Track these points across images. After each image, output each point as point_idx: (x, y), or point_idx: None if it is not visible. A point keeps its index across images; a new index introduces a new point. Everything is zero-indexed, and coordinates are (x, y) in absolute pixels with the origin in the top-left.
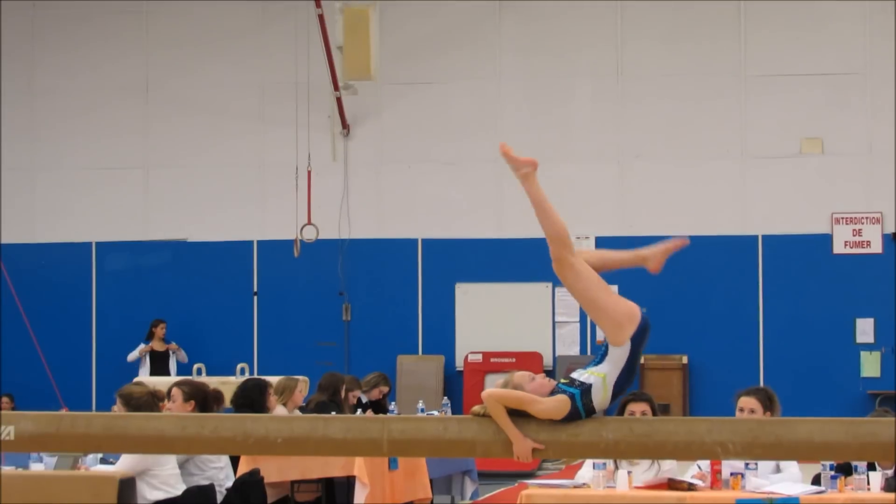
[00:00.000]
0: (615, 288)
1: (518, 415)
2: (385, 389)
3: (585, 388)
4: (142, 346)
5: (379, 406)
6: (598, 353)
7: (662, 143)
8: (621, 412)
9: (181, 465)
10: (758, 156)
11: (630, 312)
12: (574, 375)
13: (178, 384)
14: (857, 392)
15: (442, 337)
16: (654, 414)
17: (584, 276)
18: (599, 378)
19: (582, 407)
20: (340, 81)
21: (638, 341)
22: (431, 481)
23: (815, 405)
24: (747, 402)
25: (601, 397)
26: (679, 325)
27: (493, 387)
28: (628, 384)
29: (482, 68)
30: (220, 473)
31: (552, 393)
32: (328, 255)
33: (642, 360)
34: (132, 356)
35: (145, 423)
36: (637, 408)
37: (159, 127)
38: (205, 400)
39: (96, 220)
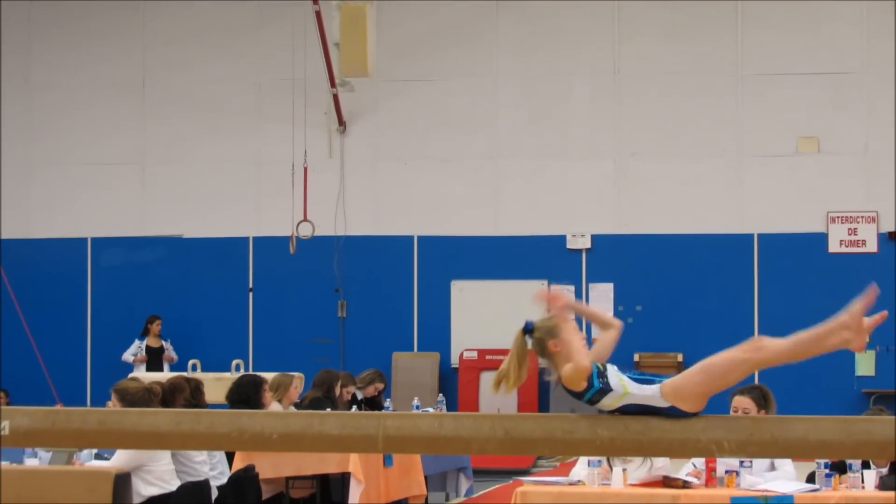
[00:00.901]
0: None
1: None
2: (380, 386)
3: (604, 389)
4: (136, 345)
5: (374, 403)
6: (644, 377)
7: (659, 141)
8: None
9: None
10: (754, 154)
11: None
12: (609, 369)
13: (155, 383)
14: (851, 391)
15: (437, 334)
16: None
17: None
18: (622, 391)
19: (588, 399)
20: (337, 78)
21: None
22: (426, 478)
23: (810, 404)
24: (741, 401)
25: (607, 403)
26: (674, 324)
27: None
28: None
29: (479, 66)
30: (203, 467)
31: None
32: (324, 252)
33: (637, 358)
34: (126, 358)
35: (140, 419)
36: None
37: (156, 123)
38: (165, 400)
39: (92, 215)
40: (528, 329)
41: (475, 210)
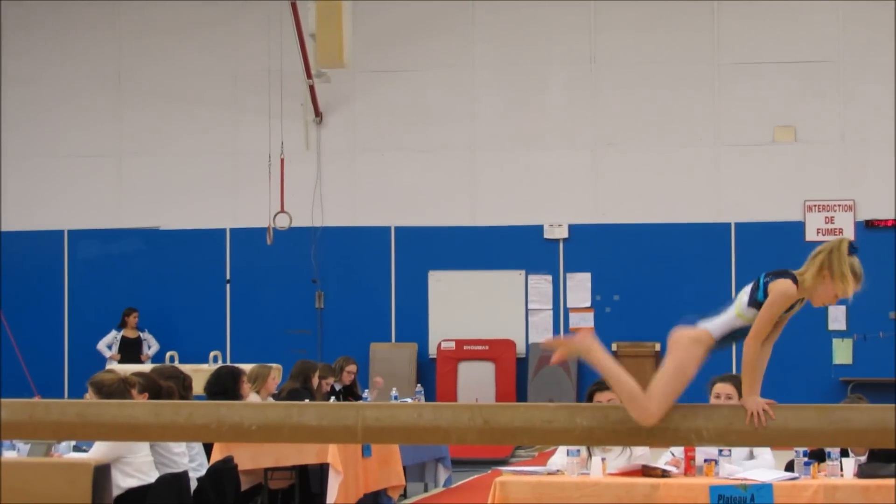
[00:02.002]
0: (586, 298)
1: None
2: (352, 368)
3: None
4: (113, 335)
5: (351, 391)
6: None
7: (635, 131)
8: (589, 401)
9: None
10: (731, 144)
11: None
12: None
13: (135, 374)
14: (829, 379)
15: (415, 325)
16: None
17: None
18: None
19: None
20: (313, 69)
21: None
22: (405, 468)
23: (788, 393)
24: (723, 387)
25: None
26: (652, 313)
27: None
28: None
29: (455, 56)
30: (182, 459)
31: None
32: (301, 243)
33: (615, 348)
34: (101, 348)
35: (119, 411)
36: (603, 397)
37: (132, 115)
38: (157, 394)
39: (69, 208)
40: (853, 249)
41: (452, 201)
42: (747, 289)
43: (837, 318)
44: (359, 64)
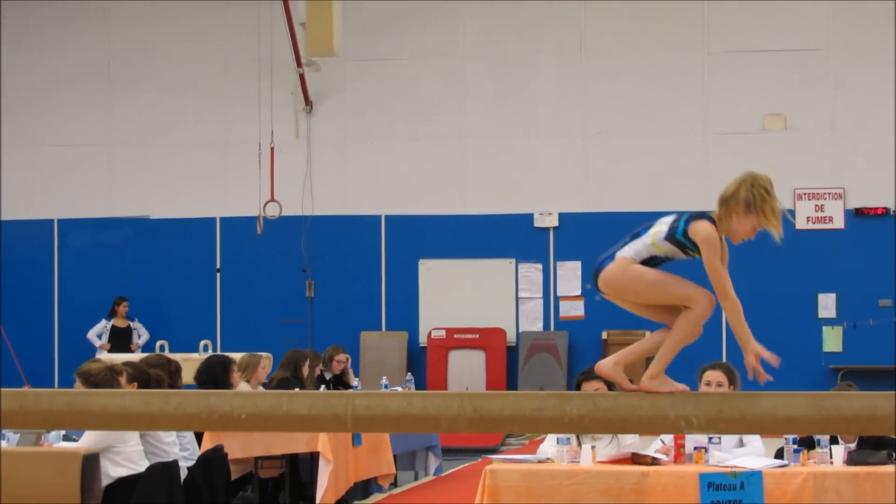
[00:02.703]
0: (576, 286)
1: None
2: (343, 357)
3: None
4: (103, 324)
5: (342, 380)
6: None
7: (626, 119)
8: (577, 390)
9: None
10: (721, 132)
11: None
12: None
13: (125, 364)
14: (819, 367)
15: (405, 313)
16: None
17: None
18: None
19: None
20: (303, 58)
21: None
22: (395, 457)
23: (778, 380)
24: (714, 375)
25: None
26: None
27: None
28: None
29: (446, 45)
30: (172, 448)
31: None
32: (291, 232)
33: (605, 336)
34: (91, 337)
35: (108, 400)
36: (591, 386)
37: (122, 104)
38: (147, 383)
39: (59, 197)
40: (762, 182)
41: (442, 189)
42: (667, 220)
43: (827, 305)
44: (349, 53)
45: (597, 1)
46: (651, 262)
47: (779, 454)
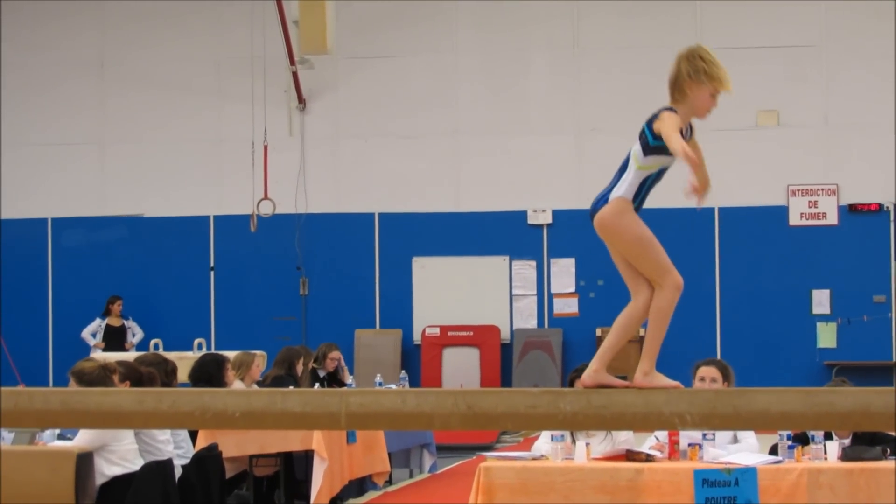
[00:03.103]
0: (570, 283)
1: None
2: (335, 354)
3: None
4: (97, 323)
5: (336, 378)
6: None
7: (619, 115)
8: (570, 387)
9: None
10: (714, 128)
11: None
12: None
13: (118, 363)
14: (813, 363)
15: (399, 311)
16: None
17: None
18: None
19: (655, 145)
20: (297, 56)
21: None
22: (390, 455)
23: (772, 376)
24: (708, 371)
25: (651, 162)
26: None
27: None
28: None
29: (439, 42)
30: (167, 447)
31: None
32: (285, 230)
33: (599, 333)
34: (85, 336)
35: (103, 399)
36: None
37: (115, 103)
38: (139, 381)
39: (52, 195)
40: (696, 52)
41: (436, 187)
42: (636, 143)
43: (822, 301)
44: (342, 50)
45: None
46: (643, 187)
47: (773, 450)
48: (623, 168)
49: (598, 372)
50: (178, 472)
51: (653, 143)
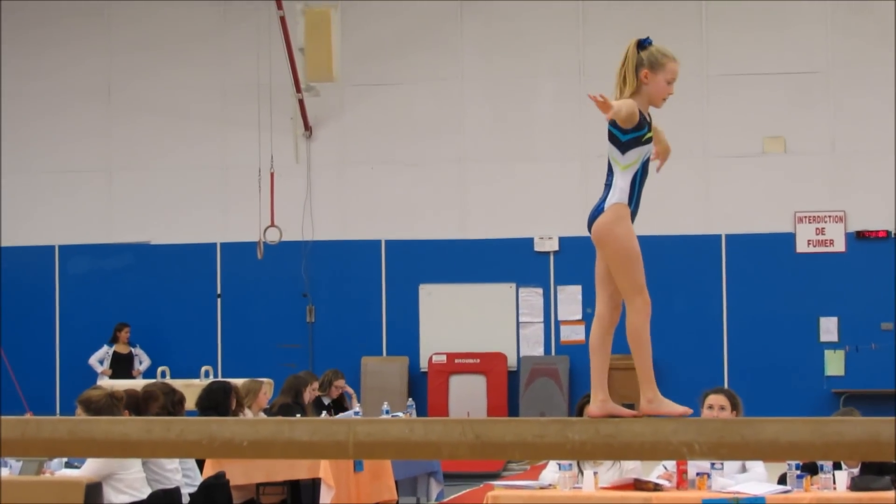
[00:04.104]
0: (577, 311)
1: None
2: (341, 382)
3: (642, 141)
4: (104, 350)
5: (340, 404)
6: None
7: None
8: (579, 414)
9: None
10: (720, 155)
11: None
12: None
13: (126, 391)
14: (821, 391)
15: (406, 338)
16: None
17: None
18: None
19: (628, 139)
20: (302, 83)
21: None
22: (397, 483)
23: (780, 404)
24: (717, 399)
25: (629, 159)
26: None
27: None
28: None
29: (444, 69)
30: (175, 475)
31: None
32: (291, 257)
33: None
34: (93, 363)
35: (110, 427)
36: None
37: (122, 130)
38: (136, 407)
39: (59, 223)
40: (646, 43)
41: (442, 213)
42: (609, 147)
43: (829, 329)
44: (348, 77)
45: (595, 24)
46: (635, 186)
47: (782, 480)
48: (609, 175)
49: (606, 402)
50: (185, 501)
51: (625, 139)
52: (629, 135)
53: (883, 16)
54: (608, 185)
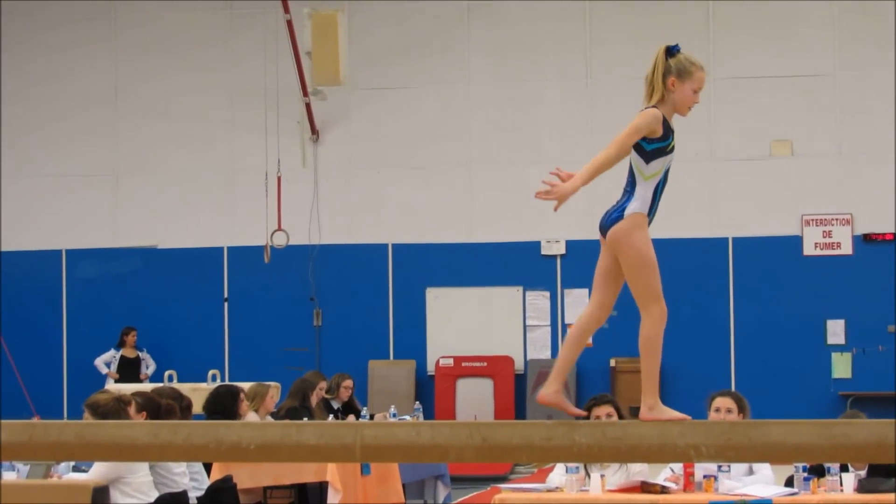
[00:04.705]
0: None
1: None
2: (349, 383)
3: (665, 152)
4: (111, 353)
5: (350, 407)
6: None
7: None
8: (587, 416)
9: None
10: (727, 158)
11: None
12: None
13: (134, 394)
14: (828, 393)
15: (413, 341)
16: (620, 416)
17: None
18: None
19: (651, 149)
20: (309, 87)
21: None
22: (404, 486)
23: (787, 407)
24: (724, 402)
25: (652, 170)
26: None
27: None
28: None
29: (451, 73)
30: (182, 479)
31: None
32: (298, 261)
33: (613, 363)
34: (98, 364)
35: (117, 431)
36: (602, 411)
37: (129, 134)
38: (157, 413)
39: (66, 227)
40: (675, 50)
41: (449, 217)
42: (632, 154)
43: (836, 332)
44: (355, 81)
45: (602, 28)
46: (656, 196)
47: (789, 482)
48: (631, 181)
49: (559, 393)
50: None
51: (649, 148)
52: (654, 144)
53: (889, 19)
54: (628, 192)
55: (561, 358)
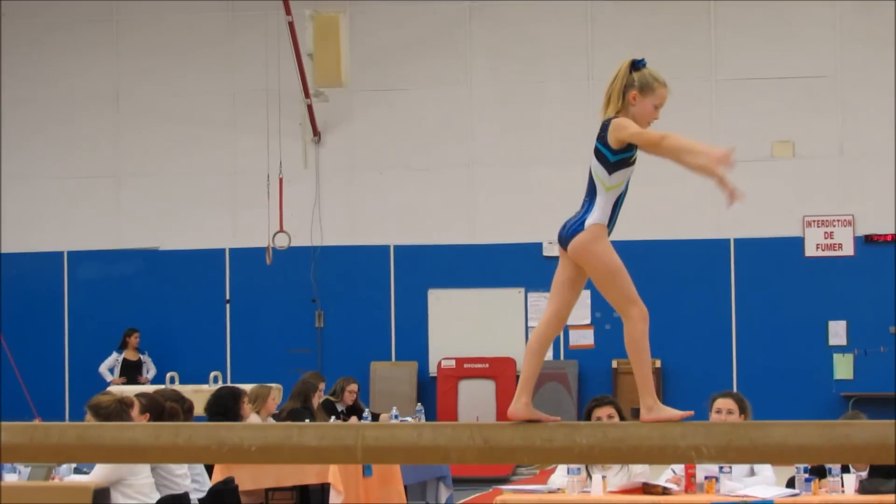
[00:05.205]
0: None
1: None
2: (353, 387)
3: (628, 163)
4: (114, 357)
5: (355, 409)
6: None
7: None
8: (588, 417)
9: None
10: None
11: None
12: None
13: (138, 395)
14: (830, 394)
15: (415, 343)
16: (622, 418)
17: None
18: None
19: (615, 160)
20: (311, 88)
21: None
22: (406, 487)
23: (789, 408)
24: (725, 403)
25: (615, 181)
26: (652, 329)
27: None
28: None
29: (453, 74)
30: (184, 481)
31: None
32: (300, 263)
33: (615, 365)
34: (103, 371)
35: (119, 433)
36: (603, 412)
37: (130, 136)
38: (160, 415)
39: (68, 229)
40: (640, 64)
41: (451, 218)
42: (594, 164)
43: (838, 333)
44: (357, 83)
45: (604, 29)
46: (616, 208)
47: (790, 483)
48: (591, 192)
49: (528, 405)
50: None
51: (613, 159)
52: (619, 156)
53: (891, 20)
54: (587, 202)
55: (525, 370)
